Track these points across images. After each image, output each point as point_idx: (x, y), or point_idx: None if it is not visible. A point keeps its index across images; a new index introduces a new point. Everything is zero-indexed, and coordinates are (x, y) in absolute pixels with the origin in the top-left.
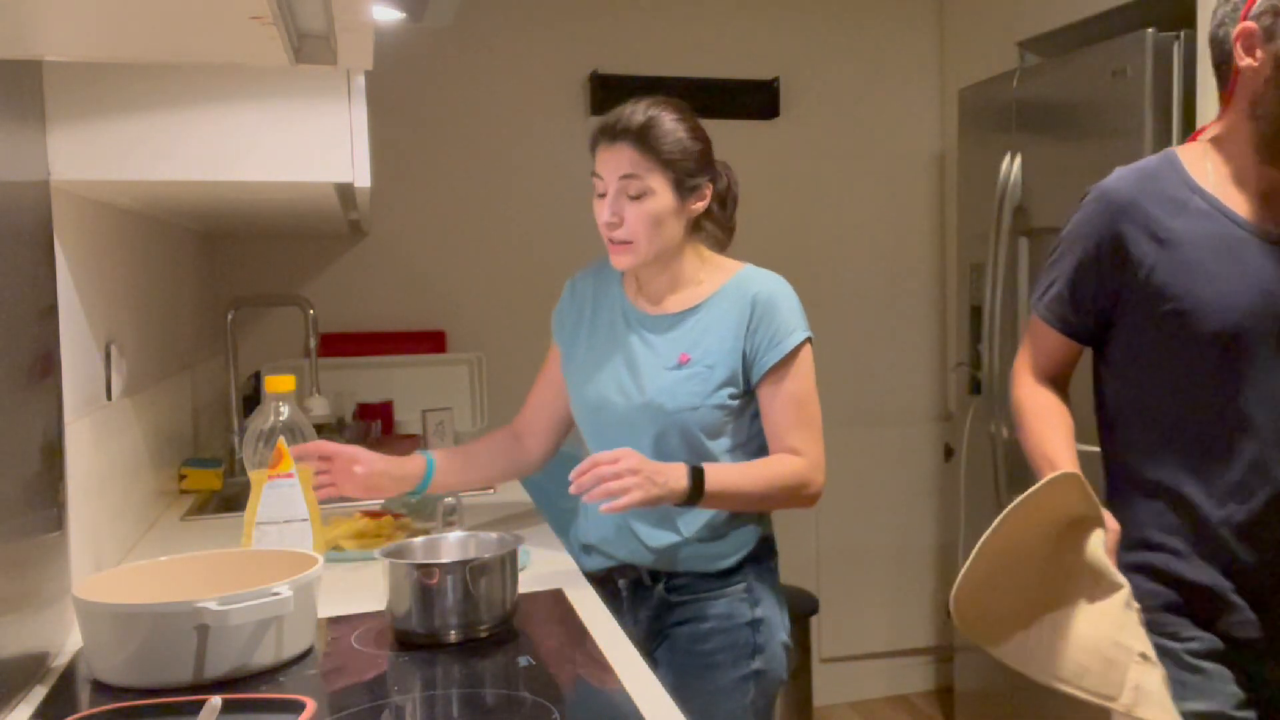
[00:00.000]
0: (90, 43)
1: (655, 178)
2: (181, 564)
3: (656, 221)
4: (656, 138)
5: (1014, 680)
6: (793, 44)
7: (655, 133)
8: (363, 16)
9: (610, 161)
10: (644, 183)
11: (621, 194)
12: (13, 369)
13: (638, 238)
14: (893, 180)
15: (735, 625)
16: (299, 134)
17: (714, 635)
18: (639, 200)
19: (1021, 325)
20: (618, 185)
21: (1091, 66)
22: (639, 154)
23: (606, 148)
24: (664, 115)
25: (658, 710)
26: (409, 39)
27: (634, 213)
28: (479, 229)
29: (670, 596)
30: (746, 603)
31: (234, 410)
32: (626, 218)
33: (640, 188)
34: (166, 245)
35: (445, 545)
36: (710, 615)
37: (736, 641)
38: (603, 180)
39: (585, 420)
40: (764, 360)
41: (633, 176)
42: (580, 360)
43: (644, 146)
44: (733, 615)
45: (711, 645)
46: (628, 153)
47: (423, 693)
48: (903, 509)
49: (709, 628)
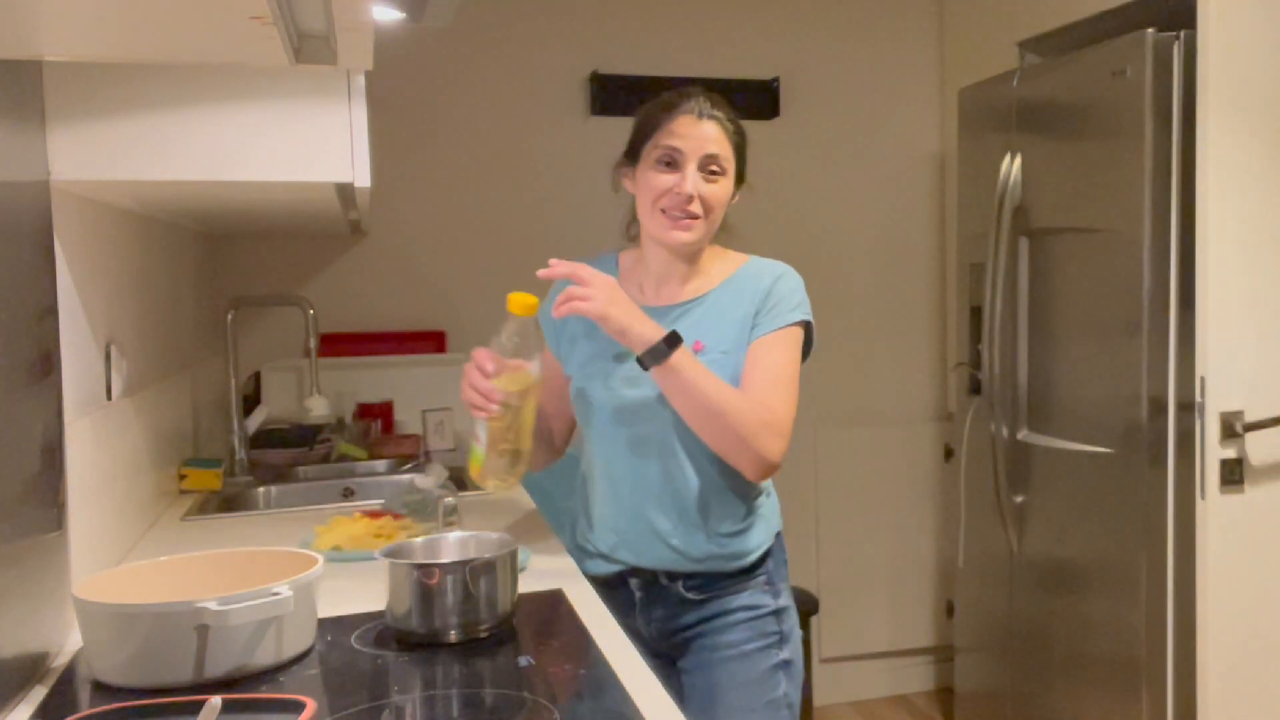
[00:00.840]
0: (90, 43)
1: (730, 163)
2: (181, 564)
3: (723, 205)
4: (738, 130)
5: (1014, 680)
6: (793, 44)
7: (737, 125)
8: (363, 16)
9: (697, 136)
10: (725, 164)
11: (701, 171)
12: (13, 369)
13: (711, 215)
14: (893, 180)
15: (761, 614)
16: (299, 134)
17: (741, 625)
18: (714, 181)
19: (1021, 325)
20: (700, 160)
21: (1091, 66)
22: (725, 136)
23: (693, 122)
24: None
25: (658, 710)
26: (409, 39)
27: (712, 191)
28: (479, 229)
29: (689, 594)
30: (769, 593)
31: (234, 410)
32: (703, 194)
33: (721, 167)
34: (166, 245)
35: (445, 545)
36: (734, 606)
37: (764, 630)
38: (681, 153)
39: (594, 418)
40: (757, 331)
41: (717, 156)
42: (581, 357)
43: (729, 133)
44: (757, 605)
45: (739, 635)
46: (717, 133)
47: (423, 693)
48: (903, 509)
49: (736, 618)
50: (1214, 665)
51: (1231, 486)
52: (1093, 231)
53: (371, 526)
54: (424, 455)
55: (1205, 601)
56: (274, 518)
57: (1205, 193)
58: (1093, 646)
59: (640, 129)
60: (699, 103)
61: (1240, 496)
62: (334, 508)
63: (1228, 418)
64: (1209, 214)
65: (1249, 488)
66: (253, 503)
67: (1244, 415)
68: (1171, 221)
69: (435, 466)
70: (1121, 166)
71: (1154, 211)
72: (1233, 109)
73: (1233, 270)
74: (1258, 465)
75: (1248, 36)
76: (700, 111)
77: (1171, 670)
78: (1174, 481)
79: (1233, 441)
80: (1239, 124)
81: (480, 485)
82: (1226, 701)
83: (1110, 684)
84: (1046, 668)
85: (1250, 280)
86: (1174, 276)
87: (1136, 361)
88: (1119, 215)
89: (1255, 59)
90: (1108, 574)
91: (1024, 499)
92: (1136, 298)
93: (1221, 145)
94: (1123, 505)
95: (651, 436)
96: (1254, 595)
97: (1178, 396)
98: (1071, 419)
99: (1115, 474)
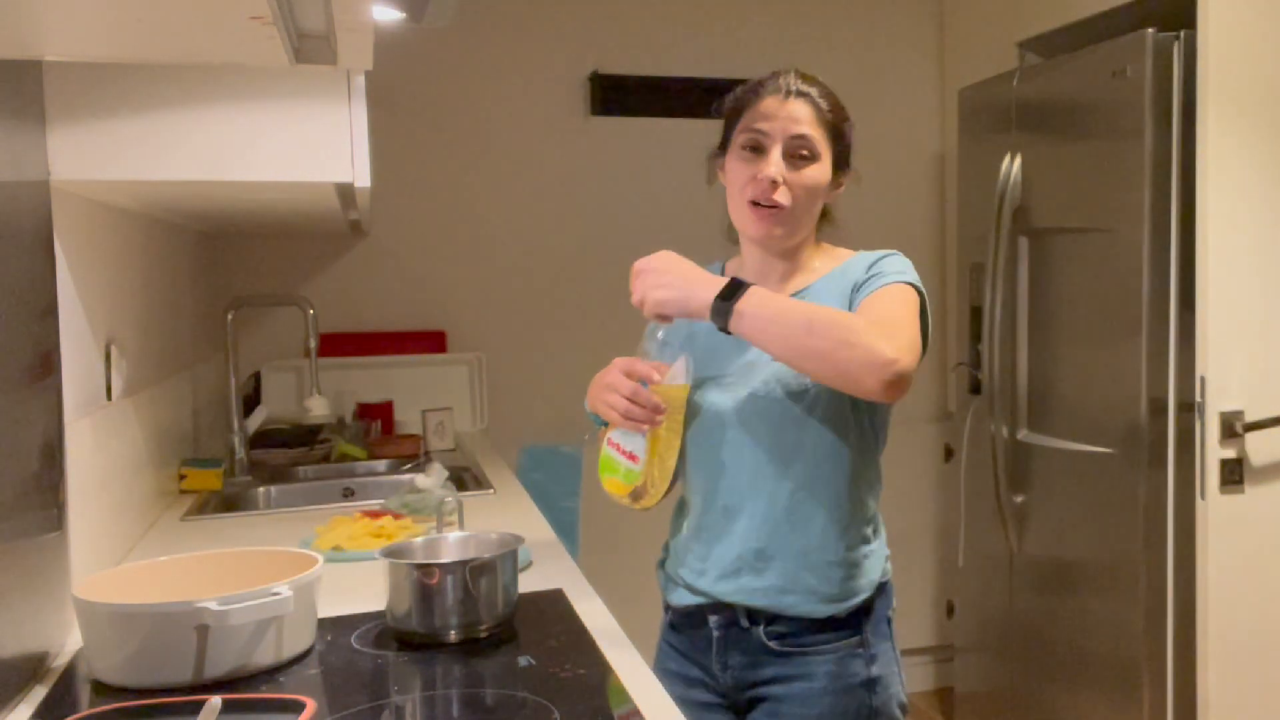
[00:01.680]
0: (90, 43)
1: (824, 146)
2: (181, 564)
3: (815, 193)
4: (831, 104)
5: (1014, 680)
6: (792, 44)
7: (830, 98)
8: (363, 16)
9: (783, 116)
10: (816, 147)
11: (790, 153)
12: (13, 369)
13: (797, 204)
14: (893, 180)
15: (849, 686)
16: (299, 134)
17: (824, 697)
18: (804, 165)
19: (1021, 325)
20: (786, 144)
21: (1091, 66)
22: (816, 116)
23: (778, 103)
24: (831, 91)
25: (658, 710)
26: (409, 39)
27: (799, 176)
28: (479, 229)
29: (771, 643)
30: (861, 659)
31: (234, 410)
32: (790, 179)
33: (812, 150)
34: (166, 245)
35: (445, 545)
36: (819, 673)
37: (849, 707)
38: (767, 135)
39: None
40: (862, 292)
41: (806, 137)
42: None
43: (822, 110)
44: (845, 674)
45: (821, 709)
46: (806, 112)
47: (423, 693)
48: (903, 509)
49: (818, 686)
50: (1214, 665)
51: (1231, 486)
52: (1093, 231)
53: (371, 526)
54: (424, 455)
55: (1205, 601)
56: (274, 518)
57: (1205, 193)
58: (1093, 646)
59: (729, 114)
60: (787, 79)
61: (1240, 496)
62: (334, 508)
63: (1228, 418)
64: (1209, 214)
65: (1249, 488)
66: (253, 503)
67: (1244, 415)
68: (1171, 221)
69: (435, 466)
70: (1121, 166)
71: (1154, 211)
72: (1233, 109)
73: (1233, 270)
74: (1258, 465)
75: (1248, 36)
76: (787, 89)
77: (1171, 670)
78: (1174, 481)
79: (1233, 441)
80: (1239, 124)
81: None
82: (1226, 701)
83: (1110, 684)
84: (1046, 668)
85: (1250, 280)
86: (1174, 276)
87: (1136, 361)
88: (1119, 215)
89: (1255, 59)
90: (1108, 574)
91: (1024, 499)
92: (1136, 298)
93: (1221, 145)
94: (1123, 505)
95: (744, 445)
96: (1254, 595)
97: (1178, 396)
98: (1071, 419)
99: (1115, 474)
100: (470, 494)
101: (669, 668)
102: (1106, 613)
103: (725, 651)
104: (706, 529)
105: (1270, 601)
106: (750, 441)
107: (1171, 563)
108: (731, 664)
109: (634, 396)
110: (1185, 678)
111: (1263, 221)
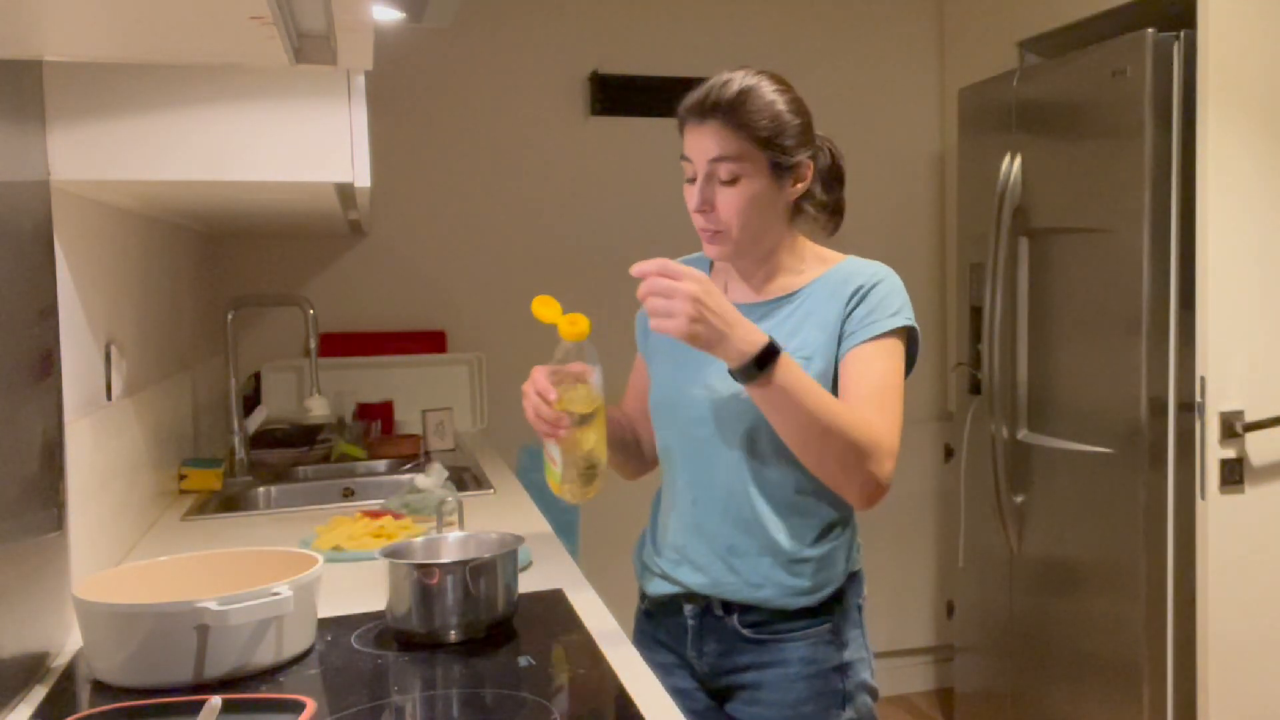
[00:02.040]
0: (90, 43)
1: (749, 160)
2: (181, 564)
3: (751, 208)
4: (750, 113)
5: (1014, 680)
6: (792, 44)
7: (749, 107)
8: (363, 16)
9: (699, 142)
10: (736, 166)
11: (712, 178)
12: (13, 369)
13: (730, 227)
14: (893, 180)
15: (822, 671)
16: (299, 134)
17: (799, 682)
18: (732, 185)
19: (1021, 325)
20: (707, 169)
21: (1091, 66)
22: (730, 133)
23: (695, 127)
24: (761, 85)
25: (657, 710)
26: (409, 39)
27: (726, 199)
28: (479, 229)
29: (745, 631)
30: (834, 645)
31: (234, 410)
32: (718, 204)
33: (732, 171)
34: (166, 245)
35: (445, 545)
36: (793, 659)
37: (825, 690)
38: (691, 163)
39: (663, 417)
40: (853, 338)
41: (723, 159)
42: (663, 354)
43: (736, 124)
44: (818, 660)
45: (796, 694)
46: (718, 132)
47: (423, 693)
48: (903, 509)
49: (793, 672)
50: (1214, 665)
51: (1231, 486)
52: (1093, 231)
53: (371, 526)
54: (424, 455)
55: (1205, 601)
56: (274, 518)
57: (1205, 193)
58: (1093, 646)
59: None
60: (700, 100)
61: (1240, 496)
62: (334, 508)
63: (1228, 418)
64: (1209, 214)
65: (1249, 488)
66: (253, 503)
67: (1244, 415)
68: (1171, 221)
69: (435, 466)
70: (1121, 166)
71: (1154, 211)
72: (1233, 109)
73: (1233, 270)
74: (1258, 465)
75: (1248, 36)
76: (701, 110)
77: (1171, 670)
78: (1174, 481)
79: (1233, 441)
80: (1239, 124)
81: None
82: (1226, 701)
83: (1110, 684)
84: (1046, 668)
85: (1250, 280)
86: (1174, 276)
87: (1136, 361)
88: (1119, 215)
89: (1255, 59)
90: (1108, 574)
91: (1024, 499)
92: (1136, 298)
93: (1221, 145)
94: (1123, 505)
95: (721, 442)
96: (1254, 595)
97: (1178, 396)
98: (1071, 419)
99: (1115, 474)
100: (470, 494)
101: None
102: (1106, 613)
103: (701, 639)
104: (683, 523)
105: (1270, 601)
106: (729, 441)
107: (1171, 563)
108: (707, 651)
109: (536, 412)
110: (1185, 678)
111: (1263, 221)
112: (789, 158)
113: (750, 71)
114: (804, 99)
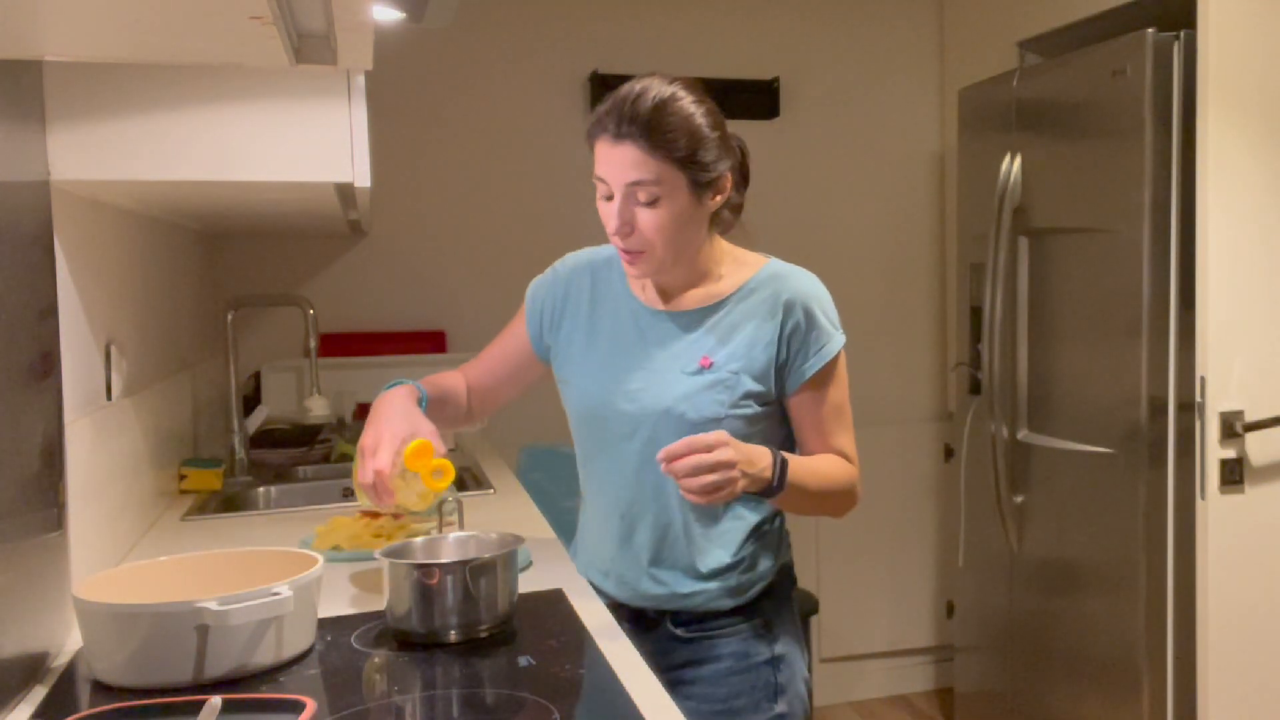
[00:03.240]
0: (90, 43)
1: (668, 182)
2: (181, 564)
3: (673, 227)
4: (667, 133)
5: (1014, 680)
6: (793, 44)
7: (666, 125)
8: (363, 16)
9: (614, 164)
10: (656, 188)
11: (630, 200)
12: (13, 369)
13: (653, 246)
14: (893, 180)
15: (753, 664)
16: (299, 134)
17: (731, 676)
18: (652, 206)
19: (1021, 325)
20: (625, 191)
21: (1091, 66)
22: (647, 155)
23: (610, 145)
24: (675, 100)
25: (657, 710)
26: (409, 39)
27: (647, 220)
28: (479, 229)
29: (678, 631)
30: (764, 639)
31: (234, 410)
32: (639, 225)
33: (652, 194)
34: (166, 245)
35: (445, 545)
36: (725, 654)
37: (756, 683)
38: (606, 184)
39: (584, 428)
40: (805, 368)
41: (641, 182)
42: (578, 361)
43: (652, 146)
44: (750, 653)
45: (729, 688)
46: (634, 154)
47: (423, 693)
48: (903, 509)
49: (724, 667)
50: (1214, 665)
51: (1231, 486)
52: (1093, 231)
53: (371, 526)
54: None
55: (1205, 601)
56: (274, 518)
57: (1205, 193)
58: (1093, 646)
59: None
60: (614, 120)
61: (1240, 496)
62: (334, 508)
63: (1228, 418)
64: (1209, 214)
65: (1249, 488)
66: (253, 503)
67: (1244, 415)
68: (1171, 221)
69: None
70: (1121, 166)
71: (1154, 211)
72: (1233, 109)
73: (1233, 270)
74: (1258, 465)
75: (1248, 36)
76: (617, 132)
77: (1171, 670)
78: (1174, 481)
79: (1233, 441)
80: (1239, 124)
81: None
82: (1226, 701)
83: (1110, 684)
84: (1046, 667)
85: (1250, 280)
86: (1174, 276)
87: (1136, 362)
88: (1119, 215)
89: (1255, 59)
90: (1108, 574)
91: (1024, 499)
92: (1136, 298)
93: (1221, 145)
94: (1123, 505)
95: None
96: (1254, 595)
97: (1178, 396)
98: (1071, 419)
99: (1115, 474)
100: (470, 494)
101: None
102: (1106, 613)
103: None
104: (609, 536)
105: (1270, 601)
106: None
107: (1171, 563)
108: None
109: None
110: (1185, 678)
111: (1263, 221)
112: (708, 173)
113: (664, 79)
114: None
